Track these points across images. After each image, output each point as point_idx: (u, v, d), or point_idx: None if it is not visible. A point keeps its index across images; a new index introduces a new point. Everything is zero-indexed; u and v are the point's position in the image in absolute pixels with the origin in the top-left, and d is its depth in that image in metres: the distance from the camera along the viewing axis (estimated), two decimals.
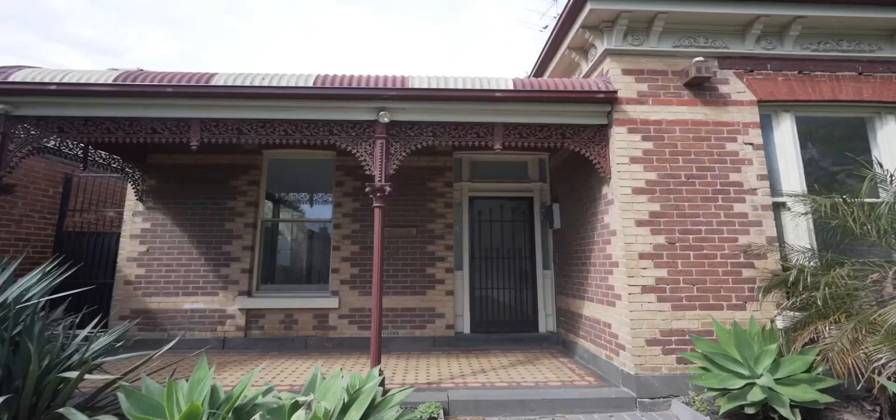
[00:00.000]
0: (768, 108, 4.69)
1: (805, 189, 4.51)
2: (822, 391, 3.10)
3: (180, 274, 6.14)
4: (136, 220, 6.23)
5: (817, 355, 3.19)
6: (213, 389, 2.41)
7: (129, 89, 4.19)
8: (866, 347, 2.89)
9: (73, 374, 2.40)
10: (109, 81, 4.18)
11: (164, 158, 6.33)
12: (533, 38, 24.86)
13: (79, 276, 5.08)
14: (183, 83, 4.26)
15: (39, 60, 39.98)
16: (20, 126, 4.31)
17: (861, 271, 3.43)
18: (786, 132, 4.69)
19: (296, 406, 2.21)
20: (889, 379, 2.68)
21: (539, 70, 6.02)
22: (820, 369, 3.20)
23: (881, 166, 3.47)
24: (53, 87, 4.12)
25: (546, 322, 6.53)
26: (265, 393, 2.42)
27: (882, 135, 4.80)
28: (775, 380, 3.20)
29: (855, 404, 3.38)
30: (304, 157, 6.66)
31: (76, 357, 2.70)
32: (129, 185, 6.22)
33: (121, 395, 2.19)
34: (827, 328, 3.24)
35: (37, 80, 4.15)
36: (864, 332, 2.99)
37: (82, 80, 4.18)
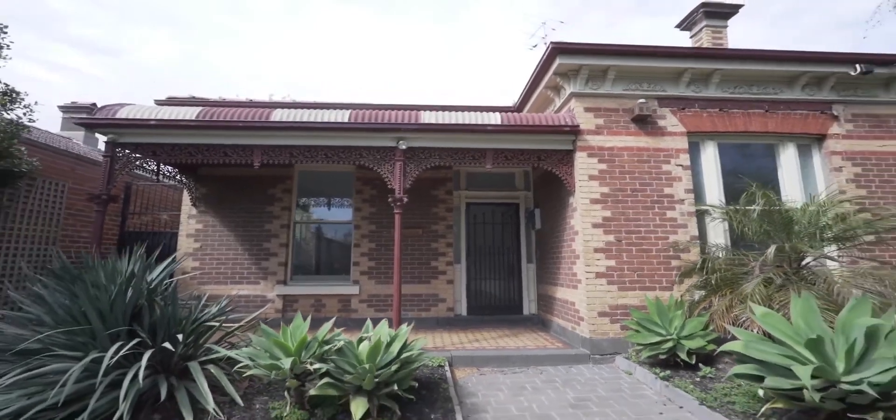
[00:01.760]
0: (696, 137, 6.11)
1: (723, 200, 5.94)
2: (710, 341, 4.51)
3: (228, 266, 7.45)
4: (190, 222, 7.53)
5: (708, 318, 4.59)
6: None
7: (209, 123, 5.51)
8: (735, 311, 4.30)
9: (215, 323, 3.73)
10: (194, 118, 5.50)
11: (213, 171, 7.63)
12: (526, 51, 26.45)
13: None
14: (249, 119, 5.59)
15: (40, 60, 40.67)
16: (123, 150, 5.61)
17: (744, 259, 4.86)
18: (709, 156, 6.12)
19: (361, 339, 3.55)
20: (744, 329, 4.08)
21: (523, 101, 7.40)
22: (711, 327, 4.60)
23: (752, 185, 4.85)
24: (153, 122, 5.43)
25: (529, 306, 7.92)
26: (337, 336, 3.77)
27: (784, 157, 6.25)
28: (680, 336, 4.59)
29: None
30: (329, 170, 7.99)
31: (203, 315, 4.02)
32: (185, 192, 7.52)
33: (253, 335, 3.52)
34: (717, 299, 4.65)
35: (139, 116, 5.46)
36: (736, 301, 4.39)
37: (174, 116, 5.50)
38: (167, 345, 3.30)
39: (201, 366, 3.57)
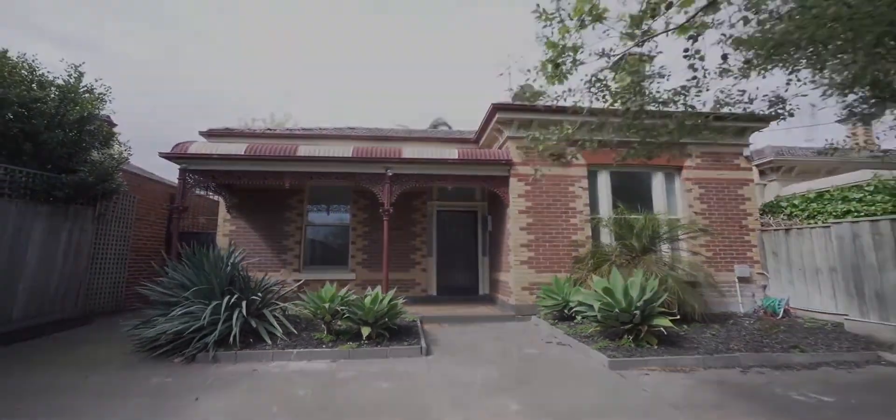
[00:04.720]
0: (594, 168, 8.81)
1: (611, 212, 8.63)
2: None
3: (256, 258, 9.80)
4: (226, 224, 9.86)
5: (583, 287, 7.24)
6: None
7: (254, 156, 7.91)
8: (593, 284, 6.95)
9: (275, 287, 6.17)
10: (243, 153, 7.89)
11: (244, 185, 9.94)
12: (515, 61, 29.19)
13: None
14: (281, 153, 8.00)
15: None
16: (191, 175, 7.95)
17: (606, 249, 7.55)
18: (603, 181, 8.82)
19: (365, 296, 6.05)
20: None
21: (479, 135, 10.01)
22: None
23: (619, 203, 7.54)
24: (215, 156, 7.80)
25: (483, 288, 10.52)
26: (350, 295, 6.25)
27: (655, 181, 9.01)
28: (567, 299, 7.22)
29: None
30: (333, 185, 10.39)
31: (267, 283, 6.45)
32: (221, 201, 9.84)
33: (303, 294, 5.99)
34: (591, 276, 7.31)
35: (205, 151, 7.82)
36: (597, 276, 7.05)
37: (228, 152, 7.87)
38: (255, 298, 5.74)
39: (270, 312, 6.03)
